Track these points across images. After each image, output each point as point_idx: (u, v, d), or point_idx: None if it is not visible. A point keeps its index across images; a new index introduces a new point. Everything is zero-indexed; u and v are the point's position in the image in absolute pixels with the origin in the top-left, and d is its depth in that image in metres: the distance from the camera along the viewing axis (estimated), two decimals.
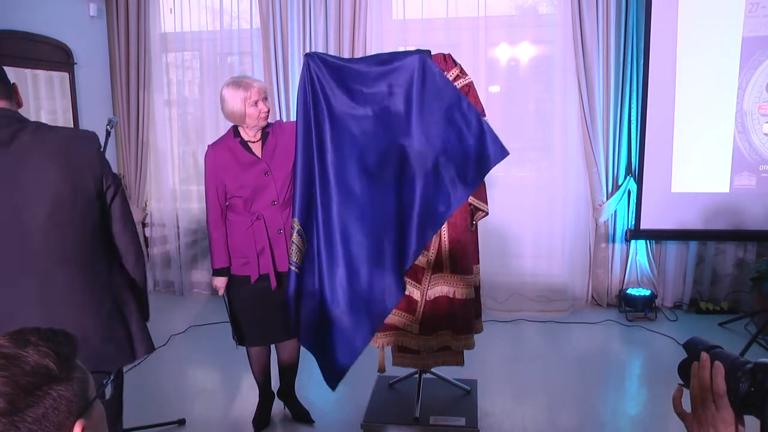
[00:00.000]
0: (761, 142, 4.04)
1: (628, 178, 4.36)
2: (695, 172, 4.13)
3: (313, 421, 2.95)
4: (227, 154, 2.65)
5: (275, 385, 3.06)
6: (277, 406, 3.05)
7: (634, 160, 4.33)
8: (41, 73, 4.04)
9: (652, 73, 4.02)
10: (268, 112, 2.64)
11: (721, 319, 4.16)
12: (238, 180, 2.64)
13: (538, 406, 3.13)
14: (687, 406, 0.97)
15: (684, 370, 0.99)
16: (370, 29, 4.37)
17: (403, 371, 3.05)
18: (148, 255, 5.02)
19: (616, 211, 4.43)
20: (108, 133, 2.75)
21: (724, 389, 0.90)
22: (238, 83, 2.60)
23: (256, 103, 2.58)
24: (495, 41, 4.43)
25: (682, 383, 1.00)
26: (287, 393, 3.02)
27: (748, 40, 3.94)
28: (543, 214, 4.52)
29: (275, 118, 4.38)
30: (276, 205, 2.67)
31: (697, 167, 4.12)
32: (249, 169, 2.64)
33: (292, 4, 4.42)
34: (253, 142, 2.68)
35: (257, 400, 3.01)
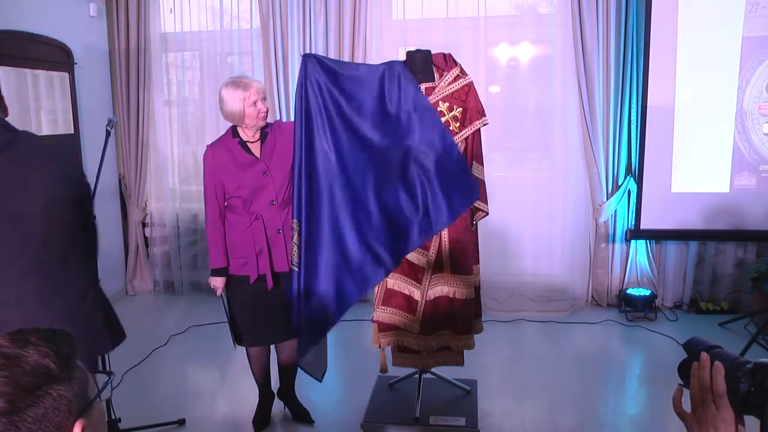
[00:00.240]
0: (761, 142, 4.04)
1: (628, 178, 4.36)
2: (695, 172, 4.13)
3: (313, 421, 2.96)
4: (226, 154, 2.65)
5: (275, 385, 3.06)
6: (277, 406, 3.05)
7: (634, 160, 4.33)
8: (41, 73, 4.04)
9: (652, 73, 4.02)
10: (267, 112, 2.64)
11: (721, 319, 4.16)
12: (237, 180, 2.64)
13: (538, 406, 3.13)
14: (687, 406, 0.96)
15: (684, 370, 0.99)
16: (370, 29, 4.37)
17: (403, 371, 3.05)
18: (148, 255, 5.03)
19: (616, 211, 4.42)
20: (108, 133, 2.75)
21: (724, 389, 0.90)
22: (237, 83, 2.59)
23: (255, 103, 2.58)
24: (495, 41, 4.43)
25: (682, 383, 1.00)
26: (287, 393, 3.02)
27: (748, 40, 3.94)
28: (543, 214, 4.51)
29: (275, 118, 4.38)
30: (275, 205, 2.67)
31: (697, 167, 4.12)
32: (248, 169, 2.64)
33: (292, 4, 4.42)
34: (252, 143, 2.67)
35: (257, 400, 3.01)
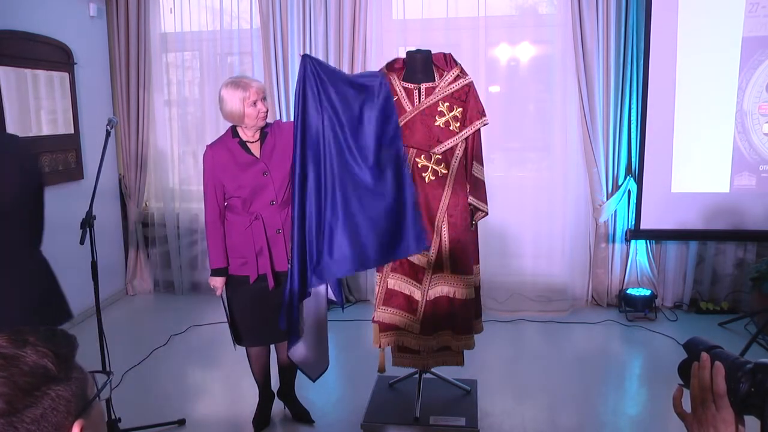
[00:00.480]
0: (761, 142, 4.04)
1: (628, 178, 4.36)
2: (695, 172, 4.13)
3: (313, 421, 2.96)
4: (226, 154, 2.65)
5: (275, 385, 3.06)
6: (277, 406, 3.05)
7: (634, 160, 4.33)
8: (41, 73, 4.04)
9: (652, 73, 4.02)
10: (267, 112, 2.64)
11: (721, 319, 4.16)
12: (237, 180, 2.64)
13: (538, 406, 3.13)
14: (687, 406, 0.96)
15: (684, 370, 0.99)
16: (370, 29, 4.38)
17: (403, 371, 3.05)
18: (148, 255, 5.03)
19: (616, 211, 4.42)
20: (108, 133, 2.74)
21: (725, 389, 0.90)
22: (237, 83, 2.59)
23: (254, 103, 2.58)
24: (495, 41, 4.43)
25: (682, 383, 1.00)
26: (287, 393, 3.02)
27: (748, 40, 3.94)
28: (543, 214, 4.51)
29: (275, 118, 4.38)
30: (274, 205, 2.67)
31: (697, 167, 4.12)
32: (247, 169, 2.64)
33: (292, 4, 4.42)
34: (252, 143, 2.67)
35: (257, 400, 3.01)
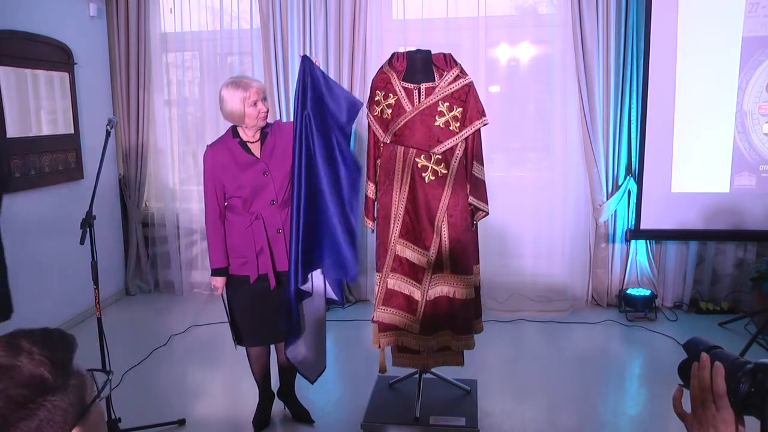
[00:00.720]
0: (761, 142, 4.04)
1: (628, 178, 4.36)
2: (695, 172, 4.13)
3: (313, 421, 2.95)
4: (226, 154, 2.65)
5: (275, 385, 3.06)
6: (277, 406, 3.05)
7: (634, 160, 4.32)
8: (41, 73, 4.04)
9: (652, 73, 4.02)
10: (267, 112, 2.65)
11: (721, 319, 4.16)
12: (237, 180, 2.64)
13: (538, 406, 3.13)
14: (687, 406, 0.96)
15: (684, 370, 0.98)
16: (370, 29, 4.38)
17: (403, 371, 3.05)
18: (148, 255, 5.03)
19: (616, 211, 4.42)
20: (108, 133, 2.74)
21: (725, 389, 0.90)
22: (237, 83, 2.60)
23: (255, 103, 2.58)
24: (495, 41, 4.43)
25: (682, 383, 1.00)
26: (287, 393, 3.02)
27: (748, 40, 3.94)
28: (543, 214, 4.51)
29: (275, 119, 4.38)
30: (275, 205, 2.67)
31: (697, 167, 4.12)
32: (248, 169, 2.64)
33: (292, 4, 4.42)
34: (252, 143, 2.67)
35: (257, 400, 3.01)
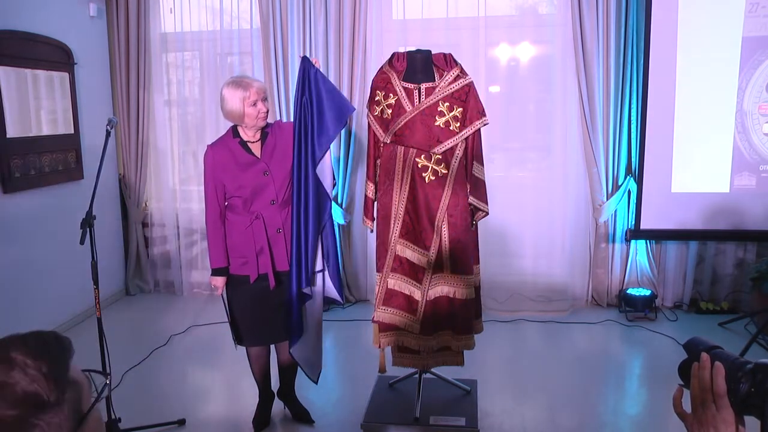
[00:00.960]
0: (761, 142, 4.04)
1: (628, 178, 4.36)
2: (695, 172, 4.13)
3: (313, 421, 2.96)
4: (226, 154, 2.65)
5: (275, 385, 3.06)
6: (277, 406, 3.05)
7: (634, 160, 4.32)
8: (41, 73, 4.04)
9: (652, 73, 4.02)
10: (267, 112, 2.65)
11: (721, 319, 4.16)
12: (237, 180, 2.64)
13: (538, 406, 3.13)
14: (687, 406, 0.96)
15: (684, 370, 0.99)
16: (370, 29, 4.37)
17: (403, 371, 3.05)
18: (148, 255, 5.03)
19: (616, 211, 4.42)
20: (108, 133, 2.74)
21: (725, 389, 0.90)
22: (238, 83, 2.60)
23: (255, 103, 2.59)
24: (495, 41, 4.43)
25: (682, 383, 1.00)
26: (287, 393, 3.02)
27: (748, 40, 3.94)
28: (543, 214, 4.52)
29: (275, 119, 4.38)
30: (275, 205, 2.67)
31: (697, 167, 4.12)
32: (248, 169, 2.64)
33: (292, 4, 4.41)
34: (253, 143, 2.68)
35: (257, 400, 3.01)
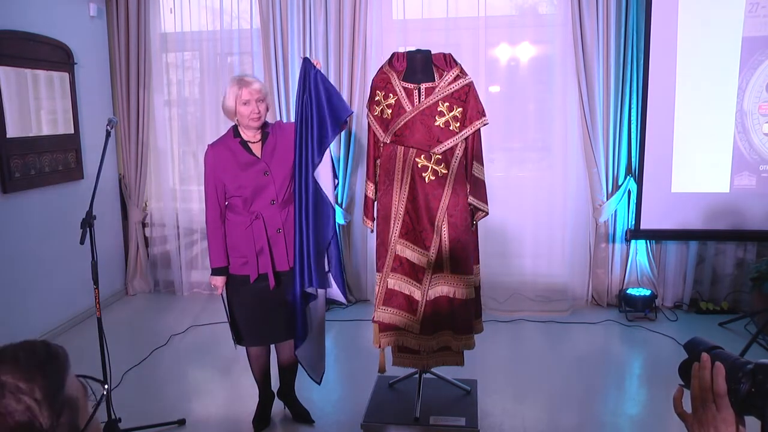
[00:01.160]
0: (761, 142, 4.04)
1: (628, 178, 4.36)
2: (695, 172, 4.13)
3: (313, 421, 2.96)
4: (227, 153, 2.66)
5: (275, 385, 3.06)
6: (277, 406, 3.05)
7: (634, 160, 4.32)
8: (41, 73, 4.04)
9: (652, 73, 4.02)
10: (262, 114, 2.63)
11: (721, 319, 4.16)
12: (238, 180, 2.64)
13: (538, 406, 3.13)
14: (687, 406, 0.96)
15: (685, 370, 0.99)
16: (370, 29, 4.38)
17: (403, 371, 3.05)
18: (148, 255, 5.02)
19: (616, 211, 4.42)
20: (108, 133, 2.75)
21: (725, 390, 0.90)
22: (238, 81, 2.63)
23: (247, 102, 2.59)
24: (495, 41, 4.43)
25: (682, 384, 1.00)
26: (287, 393, 3.02)
27: (748, 40, 3.94)
28: (543, 214, 4.52)
29: (275, 118, 4.38)
30: (275, 205, 2.67)
31: (697, 167, 4.12)
32: (248, 169, 2.64)
33: (292, 4, 4.41)
34: (253, 143, 2.68)
35: (257, 400, 3.01)
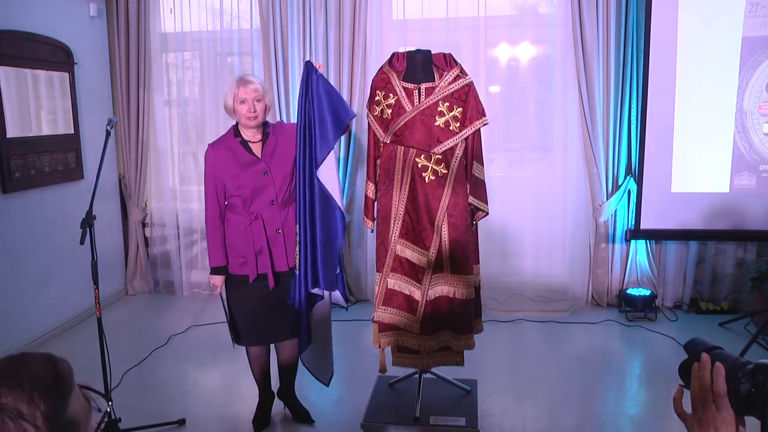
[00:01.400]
0: (761, 142, 4.04)
1: (628, 178, 4.36)
2: (695, 172, 4.13)
3: (313, 421, 2.96)
4: (227, 153, 2.66)
5: (275, 385, 3.06)
6: (277, 406, 3.05)
7: (634, 160, 4.33)
8: (41, 73, 4.04)
9: (652, 73, 4.02)
10: (259, 113, 2.62)
11: (721, 319, 4.16)
12: (238, 179, 2.64)
13: (538, 406, 3.13)
14: (688, 406, 0.96)
15: (684, 370, 0.99)
16: (370, 29, 4.38)
17: (403, 371, 3.05)
18: (148, 255, 5.02)
19: (616, 211, 4.42)
20: (108, 133, 2.75)
21: (725, 390, 0.90)
22: (239, 80, 2.64)
23: (243, 101, 2.60)
24: (495, 41, 4.43)
25: (682, 384, 1.00)
26: (287, 393, 3.02)
27: (748, 40, 3.94)
28: (543, 214, 4.52)
29: (275, 119, 4.38)
30: (275, 205, 2.67)
31: (697, 167, 4.12)
32: (248, 168, 2.64)
33: (292, 5, 4.41)
34: (254, 143, 2.68)
35: (257, 400, 3.01)
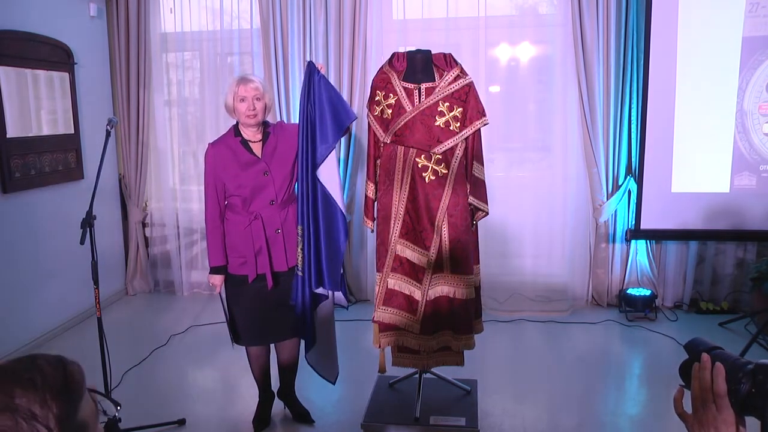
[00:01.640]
0: (761, 142, 4.04)
1: (628, 178, 4.36)
2: (695, 172, 4.13)
3: (313, 421, 2.96)
4: (227, 153, 2.66)
5: (275, 385, 3.06)
6: (277, 406, 3.05)
7: (634, 160, 4.33)
8: (41, 73, 4.04)
9: (652, 73, 4.02)
10: (258, 112, 2.62)
11: (721, 319, 4.16)
12: (238, 179, 2.64)
13: (538, 406, 3.13)
14: (688, 406, 0.96)
15: (685, 370, 0.99)
16: (370, 29, 4.38)
17: (403, 371, 3.05)
18: (148, 255, 5.02)
19: (616, 211, 4.42)
20: (108, 133, 2.75)
21: (725, 390, 0.90)
22: (239, 78, 2.66)
23: (243, 99, 2.61)
24: (495, 41, 4.43)
25: (683, 384, 1.00)
26: (287, 393, 3.02)
27: (748, 40, 3.94)
28: (543, 214, 4.52)
29: (275, 119, 4.38)
30: (274, 205, 2.67)
31: (697, 167, 4.12)
32: (248, 168, 2.64)
33: (292, 4, 4.41)
34: (254, 142, 2.68)
35: (257, 400, 3.01)
